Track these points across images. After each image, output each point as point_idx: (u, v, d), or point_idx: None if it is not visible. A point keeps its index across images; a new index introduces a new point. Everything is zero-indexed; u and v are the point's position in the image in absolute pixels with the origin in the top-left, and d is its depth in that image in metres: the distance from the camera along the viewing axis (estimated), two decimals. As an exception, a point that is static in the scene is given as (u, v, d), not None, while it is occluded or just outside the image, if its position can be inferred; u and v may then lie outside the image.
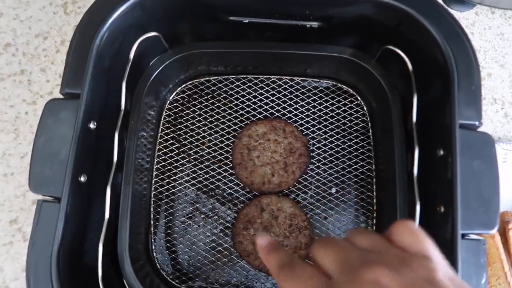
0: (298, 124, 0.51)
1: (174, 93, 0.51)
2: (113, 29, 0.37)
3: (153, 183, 0.48)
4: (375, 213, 0.48)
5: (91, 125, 0.36)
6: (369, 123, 0.50)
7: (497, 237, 0.46)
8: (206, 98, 0.51)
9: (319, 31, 0.44)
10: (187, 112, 0.51)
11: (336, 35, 0.46)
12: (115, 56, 0.40)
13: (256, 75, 0.52)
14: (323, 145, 0.50)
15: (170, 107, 0.51)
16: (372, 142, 0.49)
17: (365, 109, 0.51)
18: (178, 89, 0.51)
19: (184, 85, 0.51)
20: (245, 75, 0.52)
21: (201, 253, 0.47)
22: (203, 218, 0.48)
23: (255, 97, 0.51)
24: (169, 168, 0.49)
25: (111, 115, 0.41)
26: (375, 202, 0.48)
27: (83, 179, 0.35)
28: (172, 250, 0.47)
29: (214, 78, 0.52)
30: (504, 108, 0.54)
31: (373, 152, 0.49)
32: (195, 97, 0.51)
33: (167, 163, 0.49)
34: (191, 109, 0.51)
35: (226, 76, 0.52)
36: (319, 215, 0.48)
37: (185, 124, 0.51)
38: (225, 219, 0.48)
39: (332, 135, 0.50)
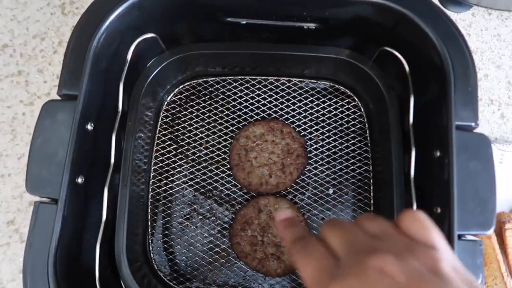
0: (295, 125, 0.51)
1: (171, 94, 0.51)
2: (110, 30, 0.37)
3: (151, 184, 0.48)
4: (372, 214, 0.48)
5: (89, 127, 0.36)
6: (366, 124, 0.50)
7: (494, 238, 0.47)
8: (203, 99, 0.51)
9: (316, 32, 0.44)
10: (185, 113, 0.51)
11: (333, 37, 0.46)
12: (113, 57, 0.40)
13: (253, 76, 0.52)
14: (320, 146, 0.50)
15: (167, 108, 0.51)
16: (369, 143, 0.49)
17: (362, 110, 0.51)
18: (175, 90, 0.51)
19: (181, 86, 0.51)
20: (243, 76, 0.52)
21: (198, 254, 0.47)
22: (201, 219, 0.48)
23: (253, 98, 0.51)
24: (167, 169, 0.49)
25: (109, 116, 0.41)
26: (372, 203, 0.48)
27: (80, 180, 0.35)
28: (169, 251, 0.47)
29: (211, 79, 0.52)
30: (500, 109, 0.54)
31: (370, 153, 0.49)
32: (192, 98, 0.51)
33: (164, 164, 0.49)
34: (189, 110, 0.51)
35: (223, 77, 0.52)
36: (317, 216, 0.48)
37: (183, 125, 0.51)
38: (223, 220, 0.48)
39: (329, 136, 0.50)
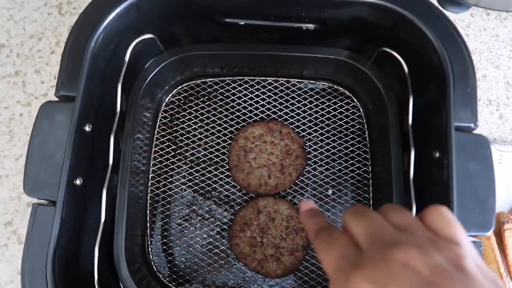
0: (294, 126, 0.51)
1: (170, 95, 0.51)
2: (108, 31, 0.37)
3: (149, 185, 0.48)
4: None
5: (87, 128, 0.36)
6: (366, 125, 0.50)
7: (493, 238, 0.47)
8: (202, 100, 0.51)
9: (315, 33, 0.44)
10: (183, 114, 0.51)
11: (332, 37, 0.46)
12: (111, 58, 0.40)
13: (252, 77, 0.52)
14: (319, 147, 0.50)
15: (166, 109, 0.51)
16: (368, 144, 0.49)
17: (361, 111, 0.51)
18: (174, 91, 0.51)
19: (180, 87, 0.51)
20: (241, 77, 0.52)
21: (197, 255, 0.47)
22: (200, 220, 0.48)
23: (252, 99, 0.51)
24: (165, 170, 0.49)
25: (107, 118, 0.41)
26: (371, 203, 0.48)
27: (78, 182, 0.35)
28: (168, 252, 0.47)
29: (210, 80, 0.52)
30: (499, 109, 0.54)
31: (370, 153, 0.49)
32: (191, 99, 0.51)
33: (163, 165, 0.49)
34: (187, 111, 0.51)
35: (222, 78, 0.51)
36: (316, 216, 0.48)
37: (181, 126, 0.50)
38: (222, 221, 0.48)
39: (328, 137, 0.50)
